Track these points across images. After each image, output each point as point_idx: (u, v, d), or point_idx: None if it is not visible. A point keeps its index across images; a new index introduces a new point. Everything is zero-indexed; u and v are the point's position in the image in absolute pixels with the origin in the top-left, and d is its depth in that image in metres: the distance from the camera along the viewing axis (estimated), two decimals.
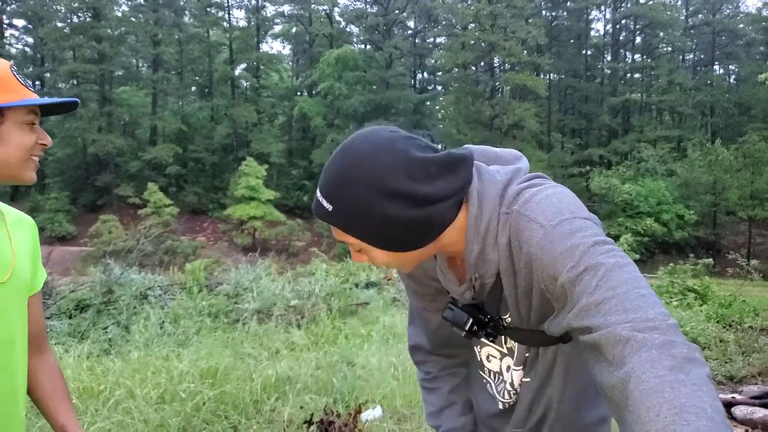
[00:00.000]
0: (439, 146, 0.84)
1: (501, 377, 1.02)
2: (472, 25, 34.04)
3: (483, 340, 1.00)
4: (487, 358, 1.04)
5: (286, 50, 46.79)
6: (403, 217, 0.75)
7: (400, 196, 0.74)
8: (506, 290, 0.84)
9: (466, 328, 0.90)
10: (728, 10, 42.00)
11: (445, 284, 0.94)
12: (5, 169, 0.96)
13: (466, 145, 0.90)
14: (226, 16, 39.40)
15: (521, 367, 0.97)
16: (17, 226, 1.05)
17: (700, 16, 41.82)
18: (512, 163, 0.89)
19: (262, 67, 39.36)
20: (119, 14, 37.74)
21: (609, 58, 41.98)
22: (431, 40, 41.59)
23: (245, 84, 39.44)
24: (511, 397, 1.01)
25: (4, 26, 36.63)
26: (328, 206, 0.78)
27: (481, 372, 1.07)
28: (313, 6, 39.60)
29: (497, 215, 0.81)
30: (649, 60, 39.09)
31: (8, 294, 0.98)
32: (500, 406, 1.03)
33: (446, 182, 0.77)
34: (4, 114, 0.93)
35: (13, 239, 1.02)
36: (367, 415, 2.89)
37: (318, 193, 0.79)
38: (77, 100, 1.04)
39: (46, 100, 0.98)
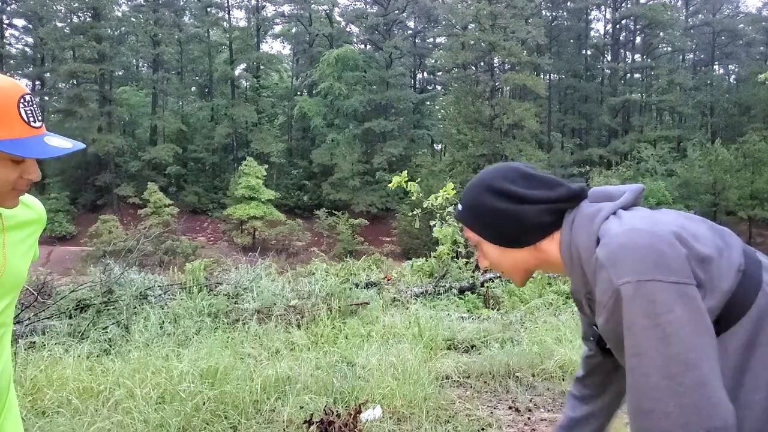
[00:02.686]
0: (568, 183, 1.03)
1: None
2: (472, 25, 34.04)
3: None
4: None
5: (286, 50, 46.84)
6: (500, 209, 0.96)
7: (500, 192, 0.97)
8: (597, 320, 0.90)
9: (592, 340, 1.06)
10: (728, 10, 42.04)
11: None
12: None
13: (594, 187, 1.03)
14: (226, 16, 39.43)
15: None
16: (15, 227, 1.08)
17: (700, 16, 41.85)
18: (615, 200, 0.95)
19: (262, 67, 39.37)
20: (119, 14, 37.76)
21: (609, 58, 41.99)
22: (431, 40, 41.60)
23: (245, 84, 39.47)
24: None
25: (4, 26, 36.62)
26: (460, 206, 1.04)
27: None
28: (313, 6, 39.60)
29: (589, 252, 0.90)
30: (649, 60, 39.11)
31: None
32: None
33: (540, 192, 0.96)
34: None
35: (8, 241, 1.06)
36: (366, 415, 2.89)
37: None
38: (79, 146, 1.00)
39: (26, 152, 0.92)
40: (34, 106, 0.95)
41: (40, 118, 0.96)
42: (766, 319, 0.83)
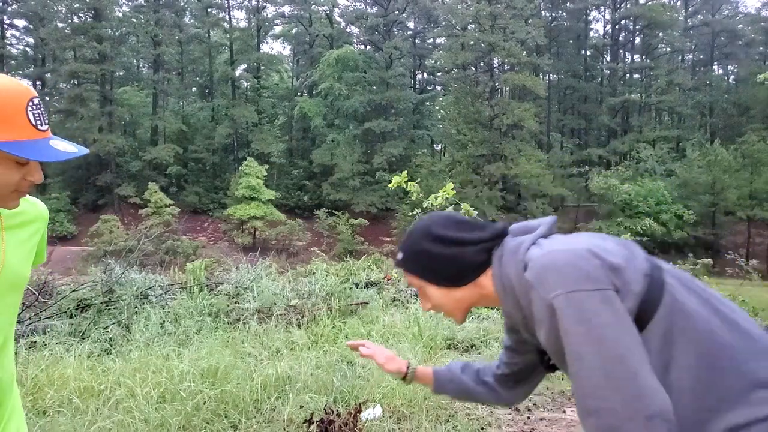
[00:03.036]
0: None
1: None
2: (471, 25, 34.04)
3: None
4: None
5: (287, 51, 46.84)
6: (441, 253, 1.07)
7: (439, 238, 1.07)
8: (539, 337, 1.01)
9: (540, 358, 1.17)
10: (727, 11, 42.03)
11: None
12: None
13: (513, 224, 1.14)
14: (227, 16, 39.42)
15: None
16: (16, 226, 1.07)
17: (699, 16, 41.84)
18: (534, 232, 1.07)
19: (262, 67, 39.36)
20: (120, 15, 37.76)
21: (608, 58, 41.98)
22: (431, 40, 41.58)
23: (246, 84, 39.46)
24: None
25: (5, 27, 36.64)
26: (400, 255, 1.13)
27: None
28: (313, 7, 39.60)
29: (519, 278, 1.00)
30: (648, 60, 39.11)
31: None
32: None
33: (473, 234, 1.07)
34: None
35: (7, 240, 1.04)
36: (366, 414, 2.90)
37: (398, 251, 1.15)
38: (83, 151, 1.01)
39: (34, 154, 0.93)
40: (42, 109, 0.96)
41: (46, 121, 0.97)
42: (675, 314, 0.95)
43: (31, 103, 0.94)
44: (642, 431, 0.84)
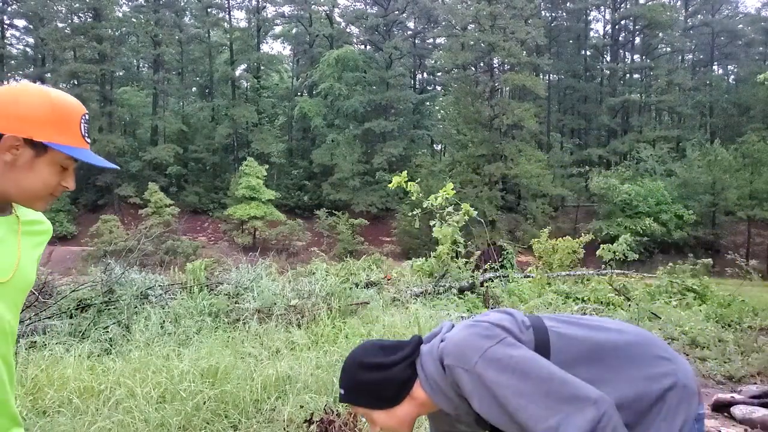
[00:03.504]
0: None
1: None
2: (471, 25, 34.03)
3: None
4: None
5: (287, 51, 46.84)
6: (376, 379, 1.21)
7: (370, 367, 1.21)
8: (475, 408, 1.13)
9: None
10: (727, 11, 42.04)
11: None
12: (23, 195, 1.06)
13: (415, 334, 1.33)
14: (227, 16, 39.43)
15: None
16: (30, 233, 1.15)
17: (699, 16, 41.84)
18: (439, 333, 1.24)
19: (262, 67, 39.36)
20: (120, 15, 37.76)
21: (608, 58, 41.98)
22: (431, 40, 41.58)
23: (246, 84, 39.45)
24: None
25: (5, 27, 36.64)
26: (342, 391, 1.25)
27: None
28: (313, 7, 39.60)
29: (440, 372, 1.16)
30: (648, 60, 39.11)
31: (8, 292, 1.08)
32: None
33: (397, 355, 1.22)
34: (47, 150, 1.04)
35: (22, 244, 1.12)
36: None
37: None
38: (117, 167, 1.23)
39: (85, 157, 1.09)
40: (89, 125, 1.12)
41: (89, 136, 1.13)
42: (565, 344, 1.15)
43: (83, 118, 1.10)
44: (597, 412, 0.99)
